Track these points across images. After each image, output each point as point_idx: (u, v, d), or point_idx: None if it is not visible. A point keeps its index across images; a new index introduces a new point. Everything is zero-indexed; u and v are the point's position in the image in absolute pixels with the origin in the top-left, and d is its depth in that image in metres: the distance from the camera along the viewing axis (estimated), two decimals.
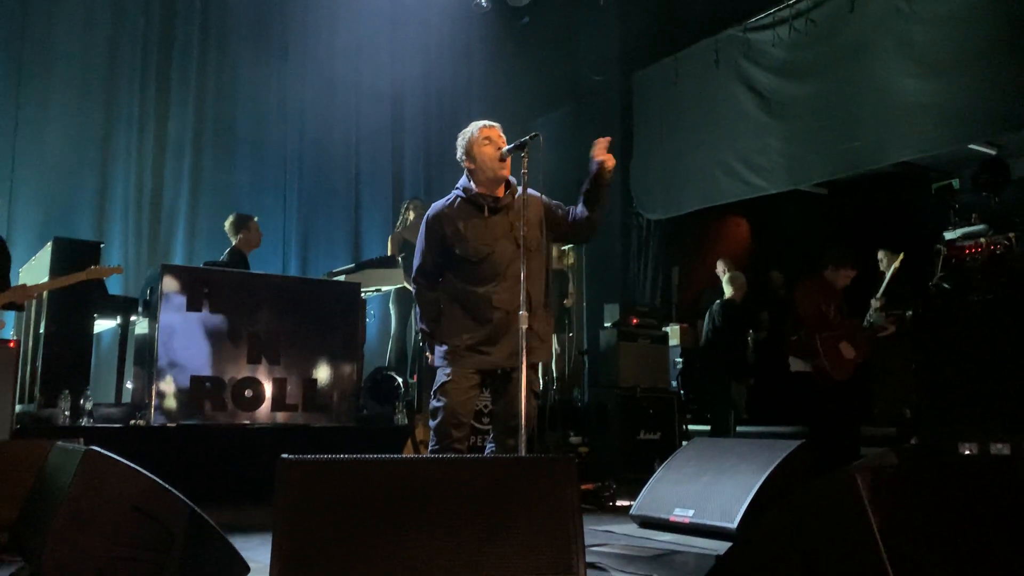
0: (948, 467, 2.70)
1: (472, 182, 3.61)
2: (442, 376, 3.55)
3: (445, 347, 3.58)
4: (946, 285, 6.76)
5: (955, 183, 8.10)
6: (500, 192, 3.60)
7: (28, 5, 7.61)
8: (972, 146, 7.25)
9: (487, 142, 3.55)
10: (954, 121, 6.26)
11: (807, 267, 6.20)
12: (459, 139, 3.65)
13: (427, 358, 3.79)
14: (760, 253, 9.43)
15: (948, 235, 7.25)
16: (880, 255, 6.95)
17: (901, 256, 6.13)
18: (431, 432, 3.56)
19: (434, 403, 3.55)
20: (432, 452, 3.53)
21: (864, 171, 7.29)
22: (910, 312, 6.45)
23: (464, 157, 3.61)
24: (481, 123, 3.62)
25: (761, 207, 8.50)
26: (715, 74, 8.15)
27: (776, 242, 9.17)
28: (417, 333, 7.06)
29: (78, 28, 7.87)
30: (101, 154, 7.89)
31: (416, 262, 3.70)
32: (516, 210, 3.49)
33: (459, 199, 3.60)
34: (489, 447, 3.70)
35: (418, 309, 3.72)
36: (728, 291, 7.60)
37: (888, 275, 6.06)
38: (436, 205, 3.67)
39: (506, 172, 3.56)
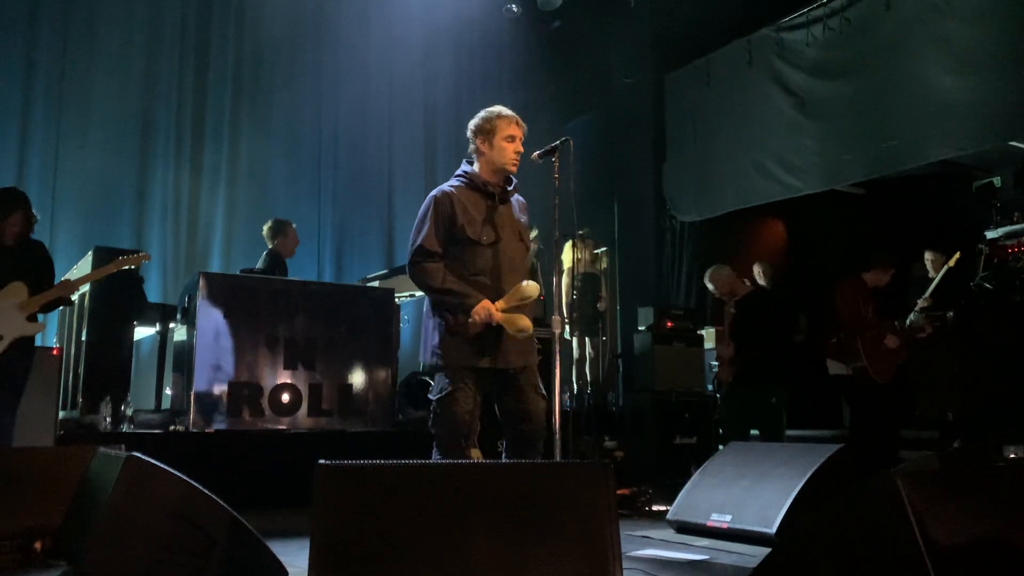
0: (992, 471, 2.64)
1: (477, 166, 3.50)
2: (446, 383, 3.32)
3: (444, 342, 3.36)
4: (988, 285, 6.64)
5: (997, 181, 7.96)
6: (503, 184, 3.51)
7: (70, 9, 7.77)
8: (1014, 143, 7.11)
9: (510, 140, 3.43)
10: (995, 118, 6.13)
11: (845, 268, 6.10)
12: (482, 113, 3.50)
13: (448, 320, 3.34)
14: (796, 254, 9.32)
15: (990, 234, 7.13)
16: (929, 256, 6.80)
17: (957, 256, 5.97)
18: (434, 443, 3.38)
19: (437, 410, 3.33)
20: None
21: (902, 170, 7.18)
22: (951, 313, 6.33)
23: (478, 135, 3.48)
24: (511, 115, 3.48)
25: (797, 208, 8.40)
26: (748, 75, 8.08)
27: (812, 243, 9.06)
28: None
29: (117, 34, 8.04)
30: (140, 164, 8.06)
31: (416, 241, 3.40)
32: (515, 204, 3.55)
33: (466, 184, 3.47)
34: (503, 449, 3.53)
35: (425, 280, 3.38)
36: None
37: (940, 275, 5.92)
38: (441, 187, 3.49)
39: (512, 169, 3.48)
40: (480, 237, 3.38)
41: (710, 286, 6.58)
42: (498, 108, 3.51)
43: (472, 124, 3.52)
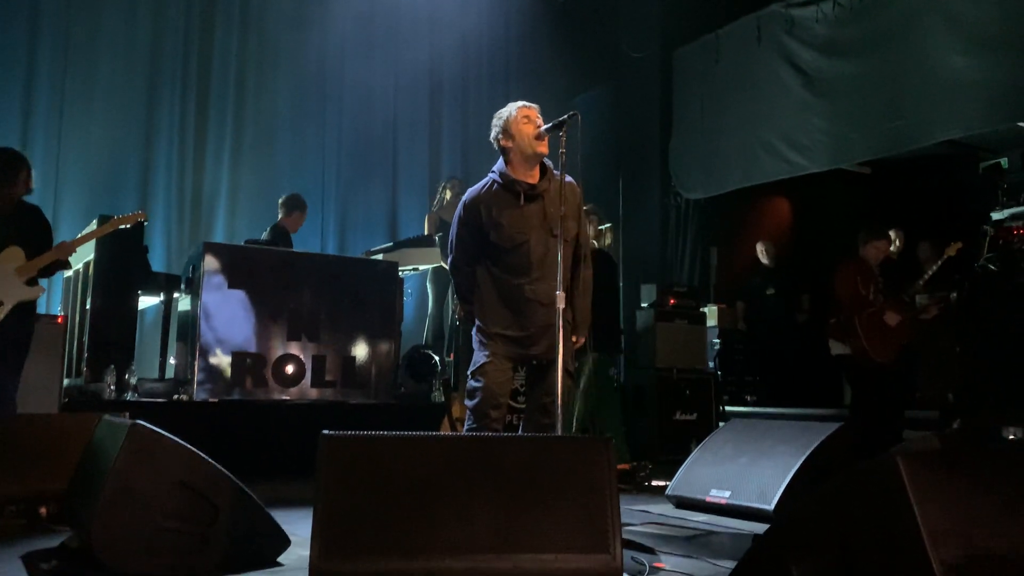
0: (992, 452, 2.65)
1: (508, 165, 3.55)
2: (481, 357, 3.53)
3: (482, 328, 3.58)
4: (993, 267, 6.63)
5: (1004, 162, 7.91)
6: (536, 178, 3.55)
7: None
8: (1022, 124, 7.06)
9: (526, 120, 3.50)
10: (1004, 98, 6.09)
11: (848, 248, 6.10)
12: (495, 120, 3.60)
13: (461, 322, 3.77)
14: (801, 233, 9.30)
15: (996, 216, 7.10)
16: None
17: (959, 245, 5.93)
18: (468, 412, 3.54)
19: (472, 383, 3.53)
20: (468, 432, 3.52)
21: (909, 150, 7.14)
22: (955, 294, 6.32)
23: (500, 136, 3.56)
24: (519, 103, 3.59)
25: (802, 187, 8.37)
26: (757, 51, 8.01)
27: (818, 222, 9.04)
28: (453, 312, 7.11)
29: (123, 8, 7.97)
30: (144, 134, 8.03)
31: (453, 243, 3.66)
32: (552, 196, 3.45)
33: (495, 184, 3.55)
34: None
35: (455, 284, 3.76)
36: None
37: (939, 262, 5.89)
38: (472, 190, 3.63)
39: (544, 149, 3.51)
40: (503, 242, 3.48)
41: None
42: (507, 106, 3.62)
43: (492, 134, 3.61)
